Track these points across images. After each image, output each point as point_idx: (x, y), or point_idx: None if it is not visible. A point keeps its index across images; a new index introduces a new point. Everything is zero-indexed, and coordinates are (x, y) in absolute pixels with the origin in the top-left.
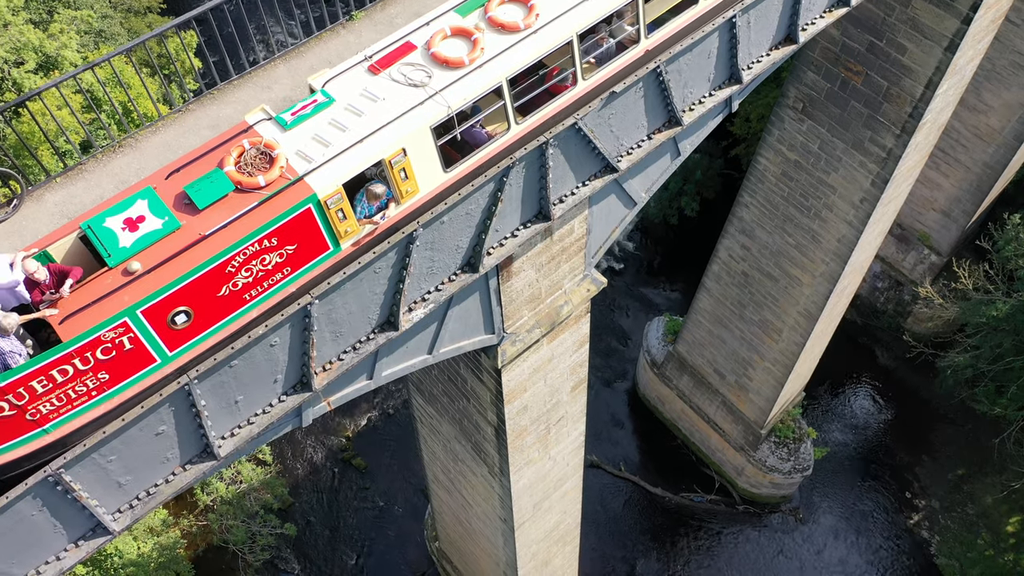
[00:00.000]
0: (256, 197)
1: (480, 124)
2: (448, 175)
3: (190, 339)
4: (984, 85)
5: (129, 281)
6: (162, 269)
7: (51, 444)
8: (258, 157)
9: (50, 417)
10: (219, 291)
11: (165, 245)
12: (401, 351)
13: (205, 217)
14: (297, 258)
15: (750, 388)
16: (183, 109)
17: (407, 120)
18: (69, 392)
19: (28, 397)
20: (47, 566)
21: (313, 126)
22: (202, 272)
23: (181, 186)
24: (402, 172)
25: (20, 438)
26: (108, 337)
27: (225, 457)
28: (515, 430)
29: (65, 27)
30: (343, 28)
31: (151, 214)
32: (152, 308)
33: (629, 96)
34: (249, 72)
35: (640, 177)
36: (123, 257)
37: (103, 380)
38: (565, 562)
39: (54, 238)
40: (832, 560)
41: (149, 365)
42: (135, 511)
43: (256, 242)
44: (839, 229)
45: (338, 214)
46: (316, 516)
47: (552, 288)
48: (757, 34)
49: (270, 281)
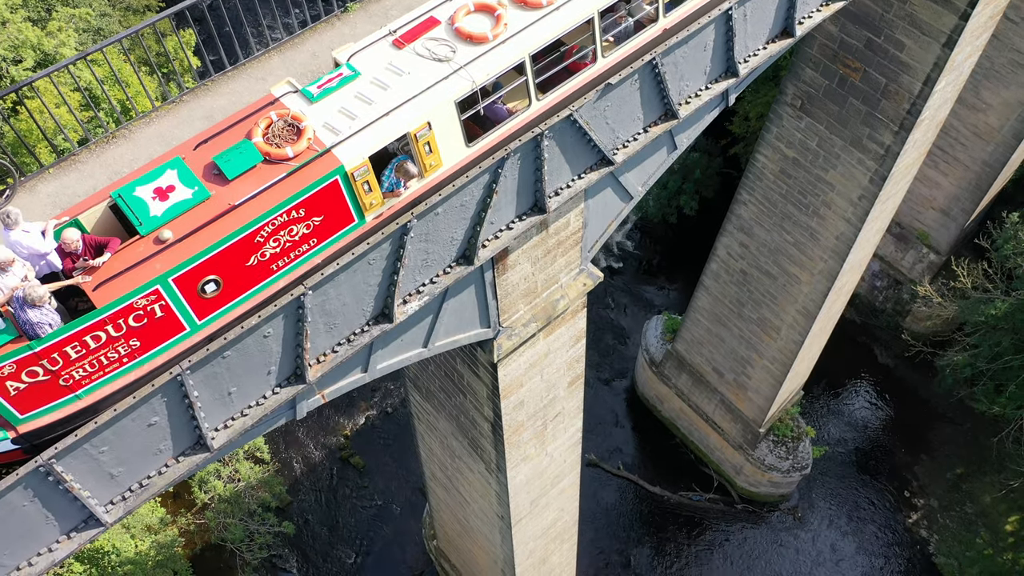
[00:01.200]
0: (284, 168)
1: (501, 100)
2: (470, 150)
3: (218, 308)
4: (983, 83)
5: (161, 249)
6: (193, 238)
7: (83, 410)
8: (286, 129)
9: (83, 383)
10: (248, 261)
11: (195, 214)
12: (396, 344)
13: (234, 187)
14: (323, 229)
15: (749, 387)
16: (177, 100)
17: (432, 94)
18: (101, 358)
19: (62, 362)
20: (39, 558)
21: (339, 99)
22: (232, 242)
23: (209, 156)
24: (427, 146)
25: (53, 403)
26: (140, 304)
27: (218, 449)
28: (512, 426)
29: (63, 25)
30: (338, 20)
31: (181, 184)
32: (183, 276)
33: (625, 88)
34: (243, 64)
35: (636, 171)
36: (154, 226)
37: (134, 347)
38: (563, 560)
39: (84, 207)
40: (830, 559)
41: (179, 333)
42: (128, 503)
43: (284, 212)
44: (837, 226)
45: (364, 186)
46: (314, 515)
47: (548, 282)
48: (753, 27)
49: (297, 252)
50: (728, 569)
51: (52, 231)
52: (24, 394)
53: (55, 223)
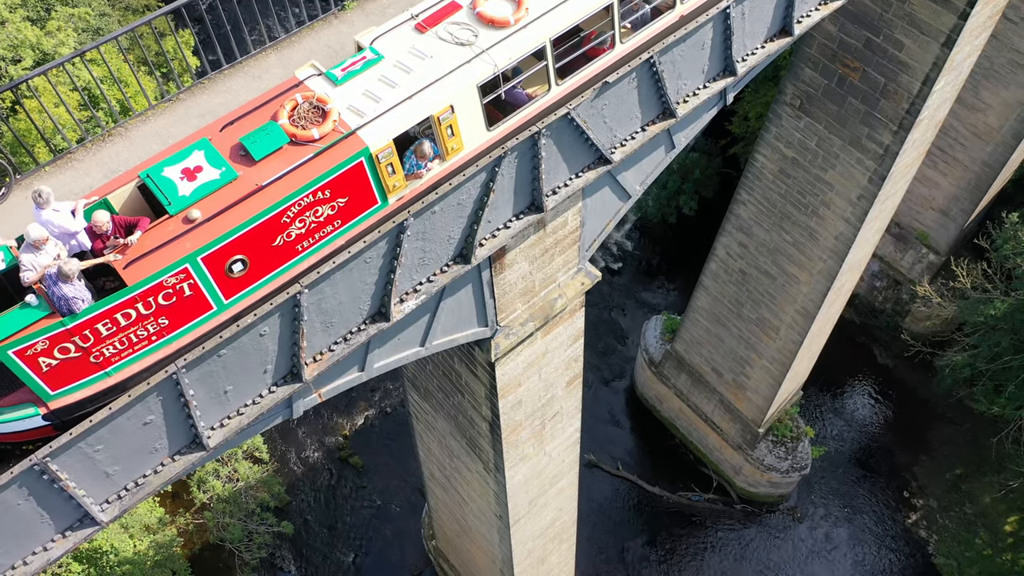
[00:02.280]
0: (310, 150)
1: (520, 85)
2: (491, 133)
3: (245, 288)
4: (982, 83)
5: (190, 228)
6: (221, 217)
7: (112, 387)
8: (311, 111)
9: (112, 360)
10: (274, 241)
11: (223, 194)
12: (393, 343)
13: (261, 168)
14: (347, 211)
15: (748, 387)
16: (173, 99)
17: (455, 77)
18: (131, 336)
19: (93, 339)
20: (34, 557)
21: (363, 82)
22: (259, 221)
23: (235, 138)
24: (449, 129)
25: (84, 380)
26: (170, 283)
27: (214, 448)
28: (510, 425)
29: (62, 24)
30: (335, 18)
31: (208, 164)
32: (212, 255)
33: (622, 87)
34: (240, 62)
35: (634, 169)
36: (183, 205)
37: (163, 325)
38: (561, 560)
39: (113, 187)
40: (830, 559)
41: (206, 312)
42: (123, 502)
43: (310, 193)
44: (836, 226)
45: (388, 168)
46: (313, 514)
47: (546, 281)
48: (752, 26)
49: (321, 233)
50: (727, 569)
51: (82, 210)
52: (56, 370)
53: (85, 202)
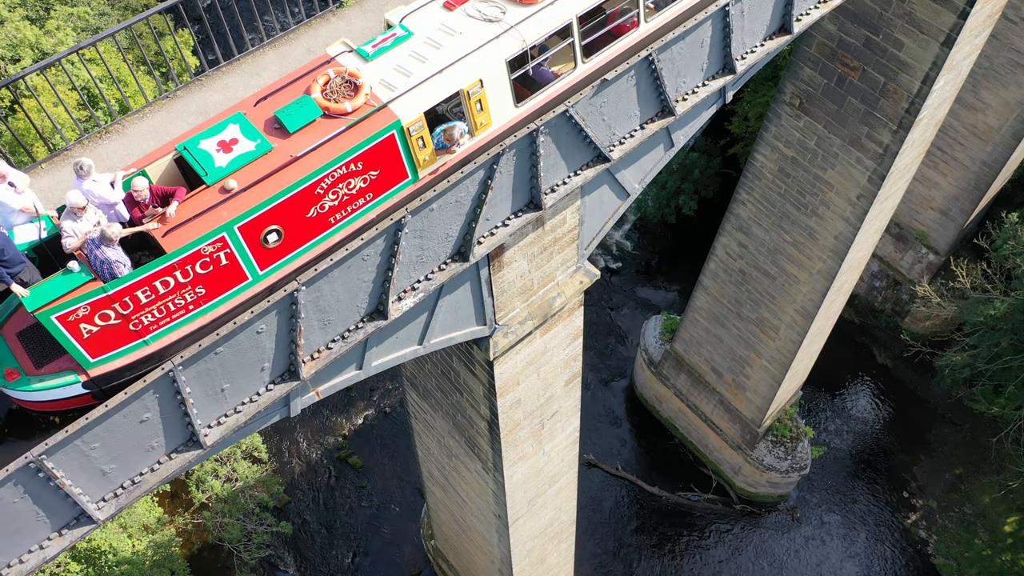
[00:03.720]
0: (343, 122)
1: (546, 63)
2: (519, 110)
3: (279, 259)
4: (982, 83)
5: (227, 198)
6: (257, 187)
7: (149, 356)
8: (343, 85)
9: (151, 329)
10: (308, 212)
11: (259, 165)
12: (391, 341)
13: (295, 140)
14: (379, 184)
15: (747, 387)
16: (171, 96)
17: (484, 52)
18: (169, 304)
19: (133, 307)
20: (30, 555)
21: (394, 57)
22: (294, 192)
23: (269, 112)
24: (478, 104)
25: (123, 348)
26: (207, 252)
27: (211, 446)
28: (508, 424)
29: (62, 24)
30: (333, 15)
31: (243, 137)
32: (248, 225)
33: (621, 84)
34: (237, 59)
35: (633, 168)
36: (219, 176)
37: (200, 295)
38: (560, 560)
39: (151, 159)
40: (829, 559)
41: (242, 282)
42: (120, 500)
43: (344, 165)
44: (836, 226)
45: (418, 142)
46: (312, 514)
47: (544, 279)
48: (751, 23)
49: (353, 206)
50: (726, 569)
51: (121, 182)
52: (96, 337)
53: (123, 174)
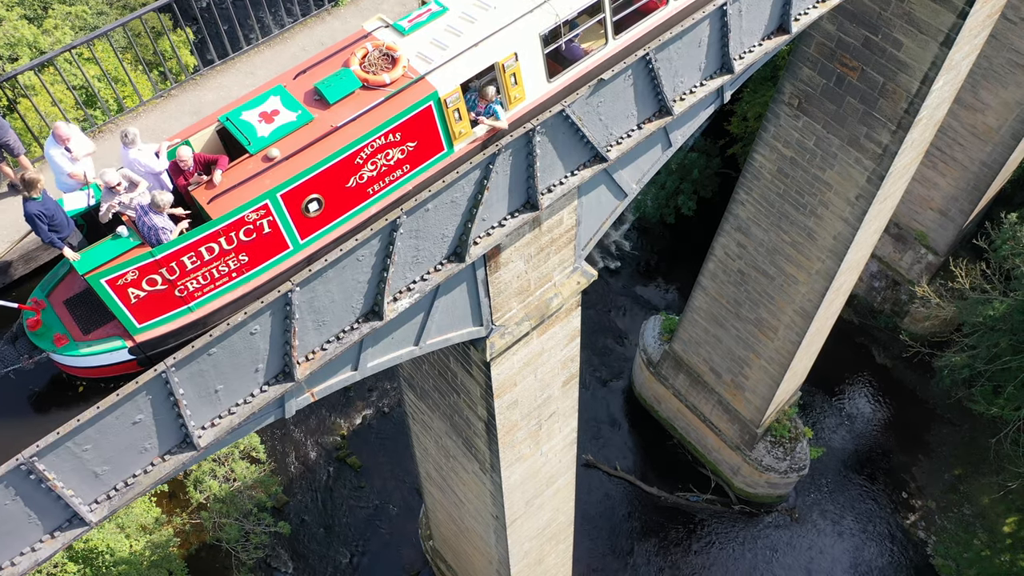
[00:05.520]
0: (382, 94)
1: (577, 40)
2: (551, 85)
3: (318, 229)
4: (981, 84)
5: (270, 166)
6: (299, 156)
7: (193, 323)
8: (381, 58)
9: (195, 295)
10: (347, 182)
11: (300, 135)
12: (387, 342)
13: (335, 111)
14: (416, 156)
15: (746, 387)
16: (165, 95)
17: (519, 25)
18: (213, 271)
19: (179, 272)
20: (22, 557)
21: (430, 32)
22: (334, 161)
23: (308, 85)
24: (512, 77)
25: (169, 314)
26: (251, 219)
27: (205, 448)
28: (505, 425)
29: (60, 23)
30: (328, 14)
31: (284, 108)
32: (290, 193)
33: (618, 84)
34: (232, 58)
35: (630, 168)
36: (262, 145)
37: (243, 262)
38: (559, 561)
39: (194, 130)
40: (828, 560)
41: (283, 251)
42: (113, 502)
43: (382, 135)
44: (835, 226)
45: (454, 114)
46: (310, 515)
47: (541, 280)
48: (749, 23)
49: (391, 177)
50: (725, 570)
51: (165, 151)
52: (143, 302)
53: (168, 144)
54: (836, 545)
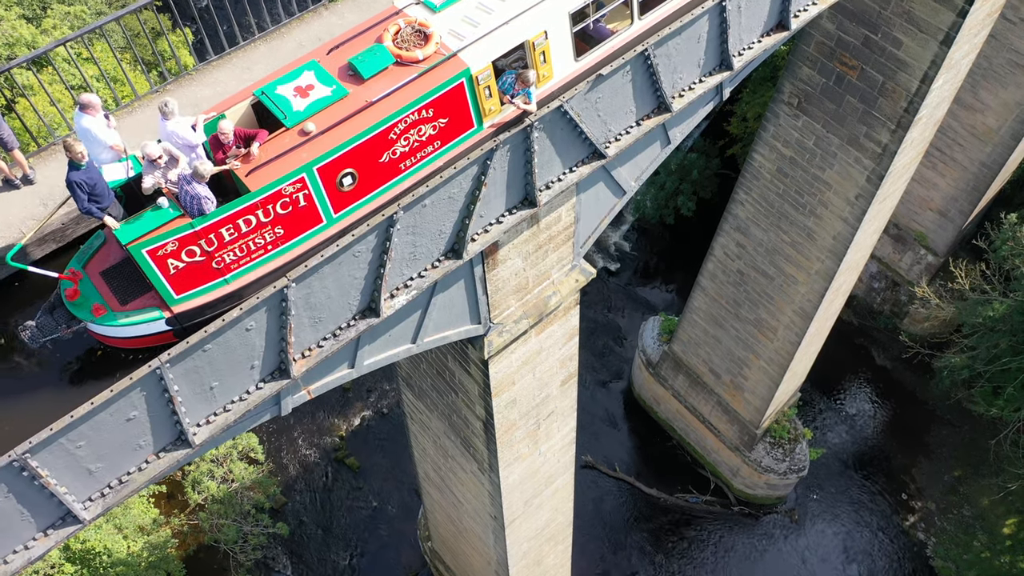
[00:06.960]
0: (415, 70)
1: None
2: (578, 64)
3: (351, 203)
4: (981, 84)
5: (306, 140)
6: (335, 130)
7: (229, 295)
8: (414, 34)
9: (232, 267)
10: (380, 157)
11: (335, 110)
12: (384, 339)
13: (369, 86)
14: (447, 132)
15: (745, 388)
16: (161, 90)
17: (549, 3)
18: (250, 244)
19: (216, 244)
20: (15, 555)
21: (461, 9)
22: (369, 136)
23: (342, 60)
24: (541, 55)
25: (206, 285)
26: (287, 192)
27: (200, 445)
28: (504, 424)
29: (58, 23)
30: (325, 9)
31: (319, 83)
32: (326, 167)
33: (617, 80)
34: (228, 53)
35: (629, 165)
36: (298, 119)
37: (278, 235)
38: (557, 561)
39: (229, 104)
40: (827, 561)
41: (316, 225)
42: (107, 499)
43: (416, 111)
44: (834, 226)
45: (485, 91)
46: (309, 516)
47: (540, 278)
48: (748, 19)
49: (423, 153)
50: (724, 571)
51: (202, 125)
52: (181, 273)
53: (204, 118)
54: (835, 546)
